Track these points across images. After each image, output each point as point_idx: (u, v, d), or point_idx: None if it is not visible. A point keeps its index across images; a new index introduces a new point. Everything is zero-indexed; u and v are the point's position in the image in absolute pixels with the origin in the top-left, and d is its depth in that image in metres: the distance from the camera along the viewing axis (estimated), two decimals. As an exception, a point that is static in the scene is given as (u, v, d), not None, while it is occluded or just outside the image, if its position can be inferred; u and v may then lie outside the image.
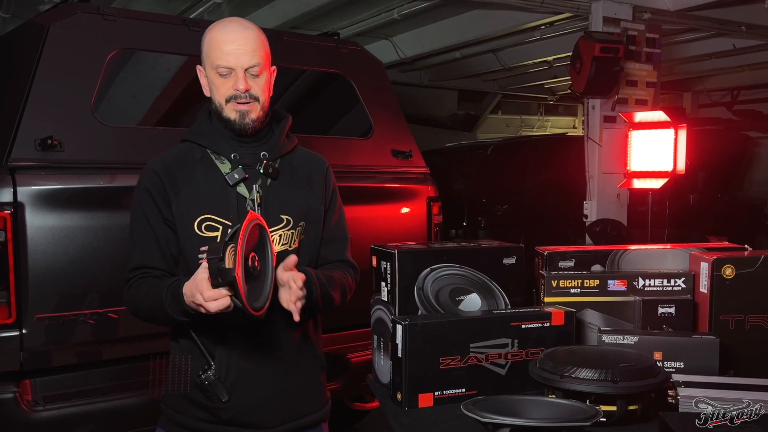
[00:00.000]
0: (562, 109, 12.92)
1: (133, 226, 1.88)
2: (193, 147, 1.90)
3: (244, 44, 1.81)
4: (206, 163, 1.87)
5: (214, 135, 1.88)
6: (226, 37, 1.81)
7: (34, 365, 2.76)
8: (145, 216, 1.84)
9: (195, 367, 1.85)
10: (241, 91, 1.81)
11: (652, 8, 5.89)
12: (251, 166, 1.87)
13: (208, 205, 1.83)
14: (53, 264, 2.74)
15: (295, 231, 1.91)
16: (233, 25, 1.84)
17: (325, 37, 4.09)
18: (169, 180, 1.84)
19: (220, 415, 1.85)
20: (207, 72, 1.84)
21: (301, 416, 1.96)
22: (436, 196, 3.93)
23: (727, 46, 7.78)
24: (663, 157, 4.97)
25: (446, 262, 2.03)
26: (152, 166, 1.88)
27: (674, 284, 2.09)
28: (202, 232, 1.82)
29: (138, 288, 1.84)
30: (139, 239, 1.86)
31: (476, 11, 7.03)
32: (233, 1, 6.24)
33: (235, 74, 1.80)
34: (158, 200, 1.83)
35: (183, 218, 1.82)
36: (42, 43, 2.89)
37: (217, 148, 1.87)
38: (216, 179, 1.85)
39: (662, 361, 1.86)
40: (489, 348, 1.90)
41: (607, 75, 5.40)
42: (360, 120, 3.84)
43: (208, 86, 1.87)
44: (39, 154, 2.77)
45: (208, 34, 1.84)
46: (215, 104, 1.85)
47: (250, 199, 1.84)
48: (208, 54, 1.82)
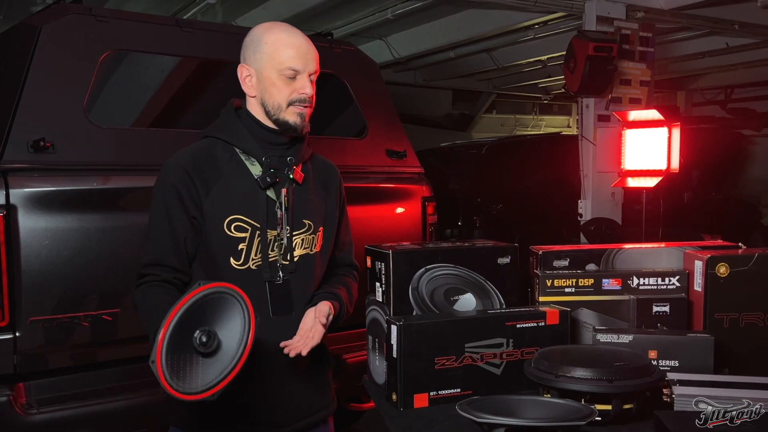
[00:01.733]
0: (556, 108, 12.95)
1: (153, 221, 1.85)
2: (218, 144, 1.88)
3: (311, 50, 1.86)
4: (236, 163, 1.86)
5: (246, 135, 1.88)
6: (295, 41, 1.84)
7: (28, 368, 2.74)
8: (168, 212, 1.82)
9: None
10: (308, 95, 1.85)
11: (645, 7, 5.91)
12: (280, 169, 1.88)
13: (238, 206, 1.83)
14: (47, 266, 2.73)
15: (315, 236, 1.94)
16: (296, 30, 1.87)
17: (319, 37, 4.08)
18: (199, 178, 1.82)
19: (233, 415, 1.86)
20: (266, 73, 1.83)
21: (314, 412, 1.98)
22: (430, 195, 3.93)
23: (721, 44, 7.80)
24: (657, 156, 4.97)
25: (441, 262, 2.03)
26: (180, 162, 1.84)
27: (669, 283, 2.09)
28: (231, 232, 1.82)
29: (144, 297, 1.80)
30: (157, 234, 1.84)
31: (470, 11, 7.04)
32: (227, 2, 6.23)
33: (300, 78, 1.83)
34: (186, 199, 1.81)
35: (213, 217, 1.82)
36: (34, 45, 2.88)
37: (248, 149, 1.87)
38: (246, 180, 1.85)
39: (657, 360, 1.86)
40: (484, 348, 1.90)
41: (600, 74, 5.40)
42: (354, 120, 3.84)
43: (259, 87, 1.85)
44: (31, 155, 2.75)
45: (270, 35, 1.84)
46: (271, 105, 1.85)
47: (279, 202, 1.86)
48: (273, 54, 1.81)
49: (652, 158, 5.01)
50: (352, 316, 2.04)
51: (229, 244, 1.82)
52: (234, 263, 1.83)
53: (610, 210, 5.80)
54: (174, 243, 1.83)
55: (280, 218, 1.86)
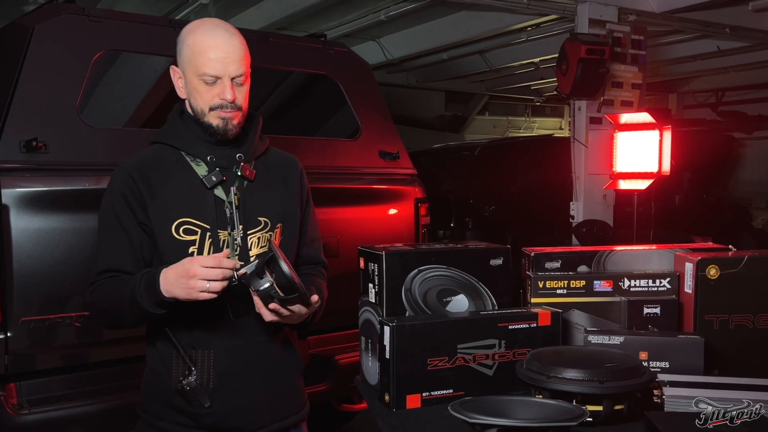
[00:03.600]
0: (548, 110, 12.97)
1: (103, 230, 1.82)
2: (166, 149, 1.86)
3: (232, 52, 1.77)
4: (182, 166, 1.83)
5: (189, 137, 1.84)
6: (213, 44, 1.76)
7: (19, 368, 2.74)
8: (118, 219, 1.79)
9: (175, 372, 1.81)
10: (228, 101, 1.77)
11: (637, 10, 5.93)
12: (228, 168, 1.84)
13: (185, 209, 1.79)
14: (38, 266, 2.72)
15: (273, 233, 1.89)
16: (219, 30, 1.78)
17: (312, 38, 4.09)
18: (144, 183, 1.79)
19: (202, 421, 1.82)
20: (188, 76, 1.79)
21: (282, 418, 1.94)
22: (423, 197, 3.93)
23: (712, 47, 7.84)
24: (648, 158, 5.00)
25: (434, 264, 2.04)
26: (125, 168, 1.83)
27: (659, 285, 2.11)
28: (180, 235, 1.78)
29: (104, 288, 1.78)
30: (111, 242, 1.81)
31: (463, 13, 7.05)
32: (220, 2, 6.22)
33: (221, 83, 1.77)
34: (133, 204, 1.79)
35: (160, 222, 1.78)
36: (27, 44, 2.87)
37: (192, 150, 1.84)
38: (193, 182, 1.82)
39: (648, 361, 1.88)
40: (476, 349, 1.91)
41: (593, 76, 5.42)
42: (347, 121, 3.84)
43: (186, 89, 1.83)
44: (24, 155, 2.75)
45: (191, 37, 1.78)
46: (195, 109, 1.82)
47: (228, 201, 1.82)
48: (192, 59, 1.77)
49: (644, 161, 5.03)
50: (344, 316, 2.04)
51: (179, 248, 1.77)
52: None
53: (601, 212, 5.81)
54: (131, 249, 1.79)
55: (230, 217, 1.82)
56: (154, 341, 1.87)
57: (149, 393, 1.88)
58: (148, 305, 1.69)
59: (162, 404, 1.85)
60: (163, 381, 1.83)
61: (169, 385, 1.82)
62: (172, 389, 1.81)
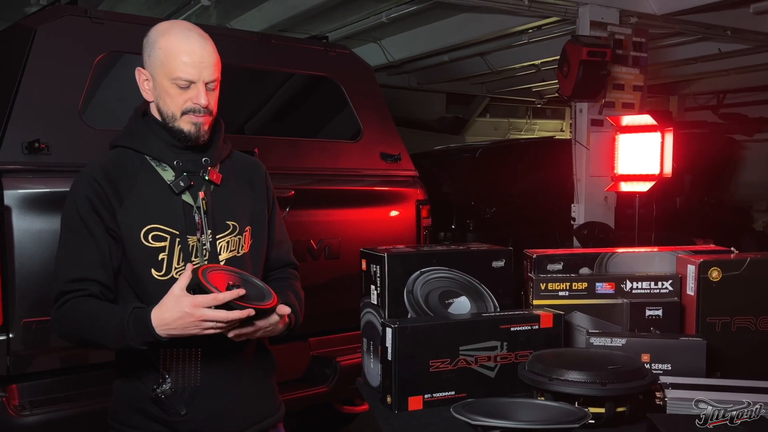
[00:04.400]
0: (549, 112, 12.97)
1: (69, 236, 1.76)
2: (129, 153, 1.81)
3: (206, 57, 1.75)
4: (147, 171, 1.80)
5: (154, 141, 1.80)
6: (189, 48, 1.73)
7: (21, 369, 2.74)
8: (86, 225, 1.73)
9: (149, 381, 1.78)
10: (201, 106, 1.76)
11: (638, 12, 5.93)
12: (194, 172, 1.82)
13: (153, 215, 1.76)
14: (40, 268, 2.72)
15: (242, 236, 1.87)
16: (193, 34, 1.76)
17: (314, 40, 4.09)
18: (111, 189, 1.75)
19: (178, 428, 1.79)
20: (159, 80, 1.76)
21: (259, 420, 1.92)
22: (424, 199, 3.93)
23: (713, 50, 7.84)
24: (650, 161, 4.99)
25: (435, 265, 2.04)
26: (91, 173, 1.77)
27: (661, 287, 2.11)
28: (148, 242, 1.75)
29: (76, 311, 1.71)
30: (78, 249, 1.75)
31: (464, 15, 7.05)
32: (221, 5, 6.22)
33: (195, 87, 1.75)
34: (101, 210, 1.74)
35: (128, 228, 1.74)
36: (29, 46, 2.87)
37: (158, 155, 1.80)
38: (159, 187, 1.78)
39: (650, 363, 1.88)
40: (478, 351, 1.91)
41: (594, 79, 5.42)
42: (349, 123, 3.84)
43: (155, 93, 1.79)
44: (26, 157, 2.75)
45: (164, 40, 1.75)
46: (165, 113, 1.78)
47: (196, 206, 1.79)
48: (164, 62, 1.73)
49: (645, 163, 5.03)
50: (346, 318, 2.04)
51: (148, 255, 1.74)
52: (156, 274, 1.75)
53: (603, 214, 5.81)
54: (100, 256, 1.74)
55: (199, 222, 1.79)
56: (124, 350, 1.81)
57: (121, 402, 1.84)
58: (138, 344, 1.66)
59: (135, 412, 1.81)
60: (136, 389, 1.80)
61: (142, 394, 1.79)
62: (146, 397, 1.78)
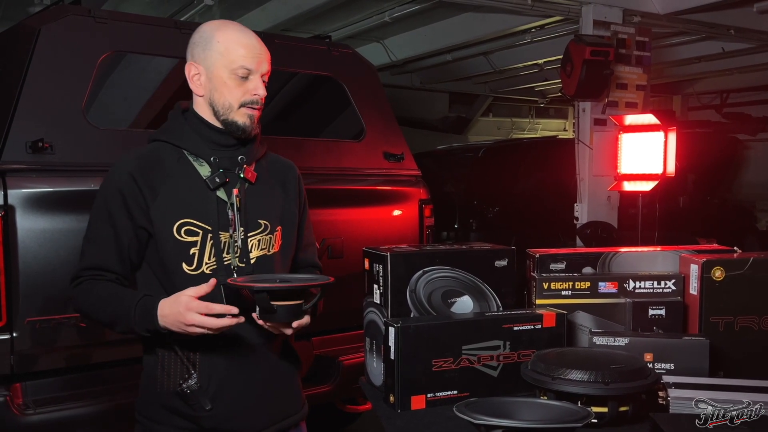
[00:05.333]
0: (552, 111, 12.96)
1: (94, 225, 1.80)
2: (166, 147, 1.84)
3: (263, 51, 1.81)
4: (184, 165, 1.82)
5: (193, 136, 1.83)
6: (248, 41, 1.79)
7: (24, 368, 2.74)
8: (111, 217, 1.77)
9: (175, 375, 1.80)
10: (259, 96, 1.79)
11: (641, 12, 5.93)
12: (230, 169, 1.83)
13: (187, 209, 1.78)
14: (44, 267, 2.73)
15: (273, 236, 1.89)
16: (247, 30, 1.82)
17: (317, 39, 4.09)
18: (146, 183, 1.77)
19: (202, 423, 1.81)
20: (216, 71, 1.78)
21: (283, 418, 1.95)
22: (427, 198, 3.94)
23: (717, 49, 7.82)
24: (653, 160, 4.99)
25: (438, 265, 2.04)
26: (125, 167, 1.79)
27: (664, 286, 2.10)
28: (181, 236, 1.77)
29: (90, 290, 1.77)
30: (99, 239, 1.79)
31: (467, 14, 7.05)
32: (224, 4, 6.23)
33: (253, 79, 1.78)
34: (131, 204, 1.76)
35: (161, 222, 1.76)
36: (33, 45, 2.88)
37: (196, 150, 1.82)
38: (195, 182, 1.80)
39: (653, 363, 1.87)
40: (481, 350, 1.91)
41: (597, 78, 5.42)
42: (352, 123, 3.85)
43: (209, 86, 1.80)
44: (30, 156, 2.76)
45: (221, 33, 1.78)
46: (221, 105, 1.80)
47: (230, 203, 1.81)
48: (224, 53, 1.76)
49: (648, 162, 5.03)
50: (349, 317, 2.05)
51: (180, 250, 1.76)
52: (186, 268, 1.77)
53: (606, 213, 5.81)
54: (117, 250, 1.78)
55: (232, 219, 1.81)
56: (151, 345, 1.86)
57: (147, 397, 1.87)
58: (141, 330, 1.72)
59: (160, 408, 1.83)
60: (162, 384, 1.83)
61: (168, 389, 1.81)
62: (172, 393, 1.81)
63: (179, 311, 1.63)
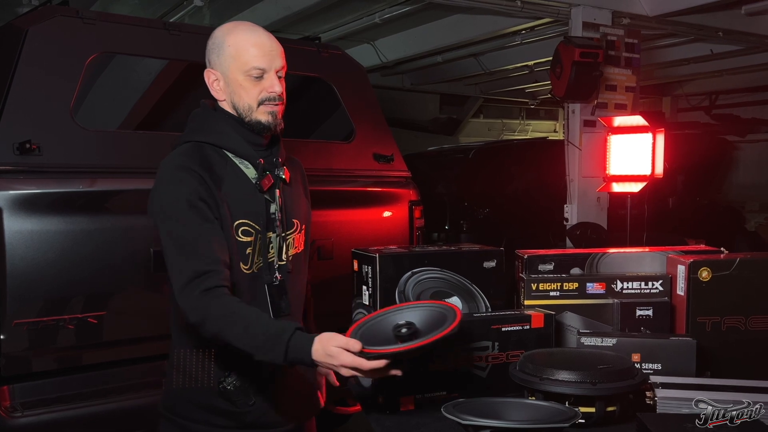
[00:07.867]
0: (543, 113, 12.99)
1: (188, 228, 1.69)
2: (208, 148, 1.80)
3: (275, 47, 1.81)
4: (232, 167, 1.82)
5: (234, 137, 1.83)
6: (258, 40, 1.79)
7: (12, 371, 2.73)
8: (201, 215, 1.71)
9: (216, 374, 1.80)
10: (276, 93, 1.80)
11: (631, 14, 5.95)
12: (270, 171, 1.86)
13: (242, 210, 1.80)
14: (32, 269, 2.72)
15: (300, 234, 1.93)
16: (257, 28, 1.83)
17: (307, 41, 4.09)
18: (212, 181, 1.75)
19: (242, 419, 1.82)
20: (232, 75, 1.79)
21: (312, 413, 2.00)
22: (417, 199, 3.94)
23: (705, 51, 7.87)
24: (642, 161, 5.01)
25: (427, 266, 2.04)
26: (188, 164, 1.74)
27: (652, 287, 2.12)
28: (239, 236, 1.79)
29: (229, 309, 1.64)
30: (204, 236, 1.69)
31: (458, 16, 7.06)
32: (214, 5, 6.22)
33: (268, 77, 1.79)
34: (209, 200, 1.73)
35: (224, 221, 1.76)
36: (20, 46, 2.86)
37: (243, 153, 1.83)
38: (244, 183, 1.81)
39: (640, 363, 1.88)
40: (470, 351, 1.91)
41: (586, 80, 5.44)
42: (342, 124, 3.84)
43: (227, 90, 1.81)
44: (17, 158, 2.74)
45: (232, 37, 1.79)
46: (241, 107, 1.80)
47: (278, 205, 1.84)
48: (237, 56, 1.77)
49: (637, 163, 5.05)
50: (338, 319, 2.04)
51: (239, 250, 1.78)
52: (243, 268, 1.79)
53: (595, 214, 5.83)
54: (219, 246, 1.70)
55: (280, 219, 1.84)
56: (186, 344, 1.84)
57: (179, 396, 1.85)
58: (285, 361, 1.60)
59: (196, 407, 1.82)
60: (199, 383, 1.82)
61: (206, 387, 1.81)
62: (212, 391, 1.80)
63: (330, 355, 1.56)
